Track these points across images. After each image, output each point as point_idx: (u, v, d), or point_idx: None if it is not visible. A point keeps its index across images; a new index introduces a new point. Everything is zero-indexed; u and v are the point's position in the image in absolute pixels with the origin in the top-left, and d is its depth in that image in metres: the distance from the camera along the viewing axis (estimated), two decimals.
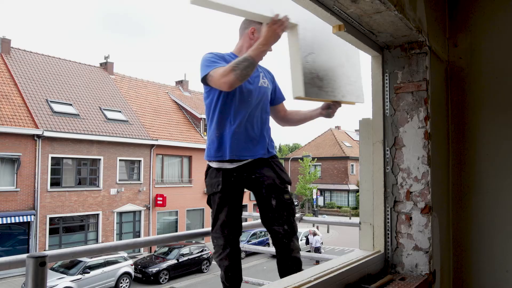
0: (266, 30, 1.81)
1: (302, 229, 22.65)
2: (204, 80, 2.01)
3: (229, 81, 1.85)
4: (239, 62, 1.84)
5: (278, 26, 1.78)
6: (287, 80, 2.02)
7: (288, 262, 2.08)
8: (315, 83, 1.91)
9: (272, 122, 2.29)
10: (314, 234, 21.57)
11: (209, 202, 2.16)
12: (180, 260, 18.43)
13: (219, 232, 2.07)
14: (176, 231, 23.32)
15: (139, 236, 21.78)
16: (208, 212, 25.94)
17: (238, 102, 2.05)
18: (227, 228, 2.06)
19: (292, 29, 1.83)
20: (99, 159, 20.68)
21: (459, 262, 2.28)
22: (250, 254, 21.47)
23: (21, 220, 17.55)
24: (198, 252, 19.47)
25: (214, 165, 2.10)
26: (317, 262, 12.16)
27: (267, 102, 2.22)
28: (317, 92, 1.92)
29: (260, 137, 2.13)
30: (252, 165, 2.09)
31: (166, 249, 19.24)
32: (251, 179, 2.09)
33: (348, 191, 43.80)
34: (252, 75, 2.05)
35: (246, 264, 19.09)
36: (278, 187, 2.09)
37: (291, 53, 1.87)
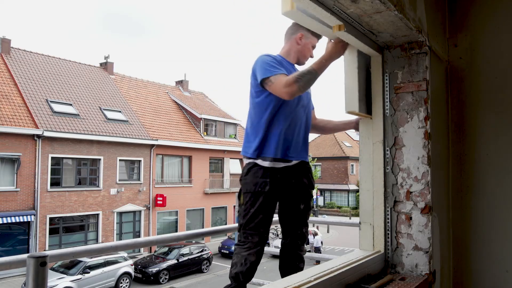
0: (332, 46, 1.93)
1: None
2: (262, 82, 2.07)
3: (292, 91, 1.93)
4: (304, 74, 1.93)
5: (344, 44, 1.90)
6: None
7: (296, 262, 2.19)
8: (364, 100, 2.07)
9: None
10: (315, 234, 21.57)
11: (243, 197, 2.16)
12: (180, 260, 18.43)
13: (256, 229, 2.11)
14: (176, 231, 23.31)
15: (139, 236, 21.78)
16: (208, 212, 25.96)
17: (289, 105, 2.13)
18: (264, 227, 2.13)
19: (352, 48, 1.96)
20: (99, 159, 20.67)
21: (459, 262, 2.28)
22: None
23: (21, 220, 17.54)
24: (198, 252, 19.47)
25: (264, 163, 2.12)
26: (317, 262, 12.16)
27: (311, 107, 2.33)
28: (365, 108, 2.09)
29: (304, 140, 2.24)
30: (295, 168, 2.18)
31: (166, 249, 19.23)
32: (290, 182, 2.17)
33: (348, 191, 43.77)
34: None
35: None
36: (309, 193, 2.24)
37: (347, 71, 2.01)
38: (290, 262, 2.19)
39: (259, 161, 2.11)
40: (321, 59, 1.95)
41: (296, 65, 2.27)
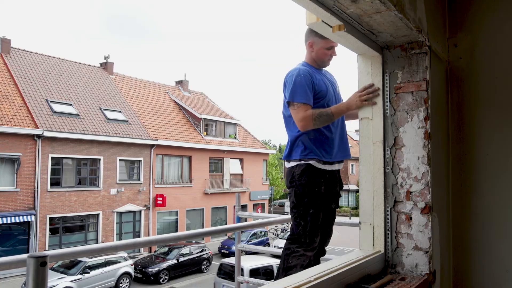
0: (353, 98, 2.08)
1: None
2: (288, 102, 2.19)
3: (307, 127, 2.13)
4: (322, 115, 2.12)
5: (365, 96, 2.04)
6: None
7: (320, 257, 2.34)
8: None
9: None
10: None
11: (299, 198, 2.20)
12: (180, 260, 18.43)
13: (318, 229, 2.20)
14: (176, 231, 23.32)
15: (139, 236, 21.79)
16: (208, 212, 25.96)
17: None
18: (321, 226, 2.23)
19: (365, 59, 2.12)
20: (99, 159, 20.67)
21: (459, 262, 2.28)
22: (250, 254, 21.47)
23: (21, 220, 17.54)
24: (198, 252, 19.47)
25: (318, 165, 2.20)
26: None
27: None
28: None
29: (342, 140, 2.35)
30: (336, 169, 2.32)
31: (166, 249, 19.23)
32: (331, 181, 2.26)
33: (348, 191, 43.77)
34: (335, 84, 2.41)
35: None
36: (338, 193, 2.37)
37: (361, 77, 2.16)
38: (316, 258, 2.27)
39: (312, 162, 2.18)
40: (340, 107, 2.15)
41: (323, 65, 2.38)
